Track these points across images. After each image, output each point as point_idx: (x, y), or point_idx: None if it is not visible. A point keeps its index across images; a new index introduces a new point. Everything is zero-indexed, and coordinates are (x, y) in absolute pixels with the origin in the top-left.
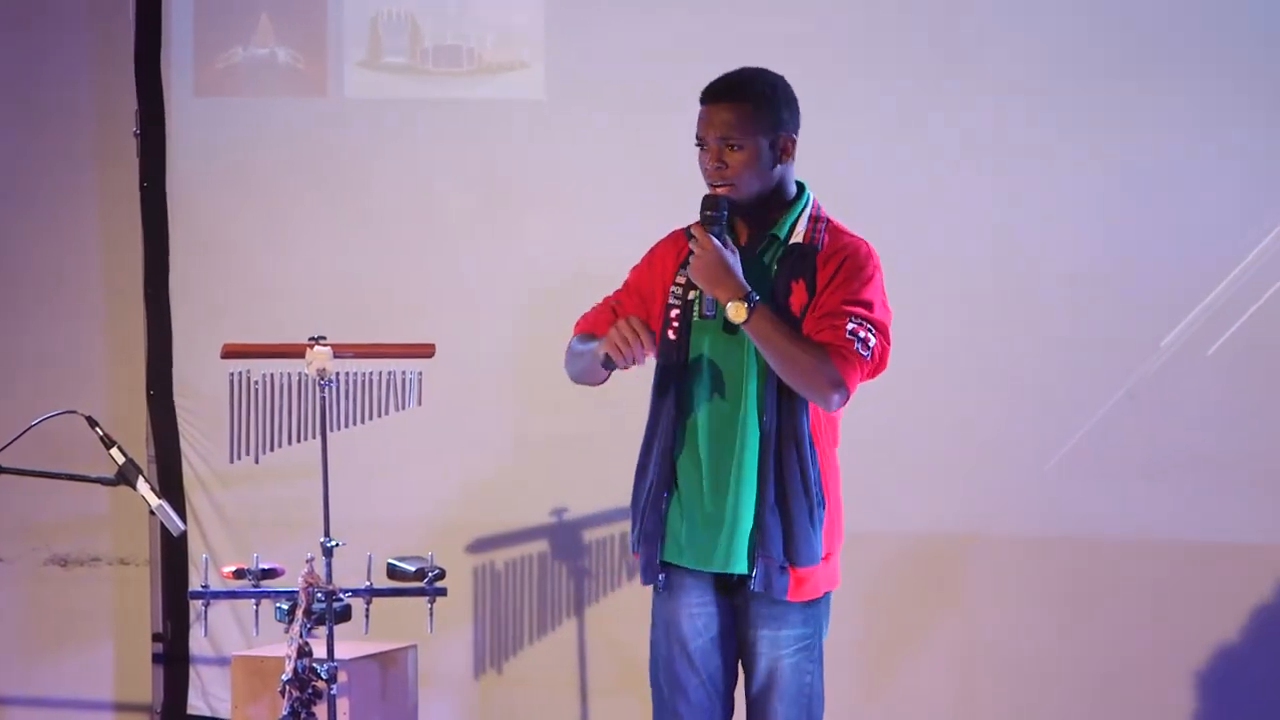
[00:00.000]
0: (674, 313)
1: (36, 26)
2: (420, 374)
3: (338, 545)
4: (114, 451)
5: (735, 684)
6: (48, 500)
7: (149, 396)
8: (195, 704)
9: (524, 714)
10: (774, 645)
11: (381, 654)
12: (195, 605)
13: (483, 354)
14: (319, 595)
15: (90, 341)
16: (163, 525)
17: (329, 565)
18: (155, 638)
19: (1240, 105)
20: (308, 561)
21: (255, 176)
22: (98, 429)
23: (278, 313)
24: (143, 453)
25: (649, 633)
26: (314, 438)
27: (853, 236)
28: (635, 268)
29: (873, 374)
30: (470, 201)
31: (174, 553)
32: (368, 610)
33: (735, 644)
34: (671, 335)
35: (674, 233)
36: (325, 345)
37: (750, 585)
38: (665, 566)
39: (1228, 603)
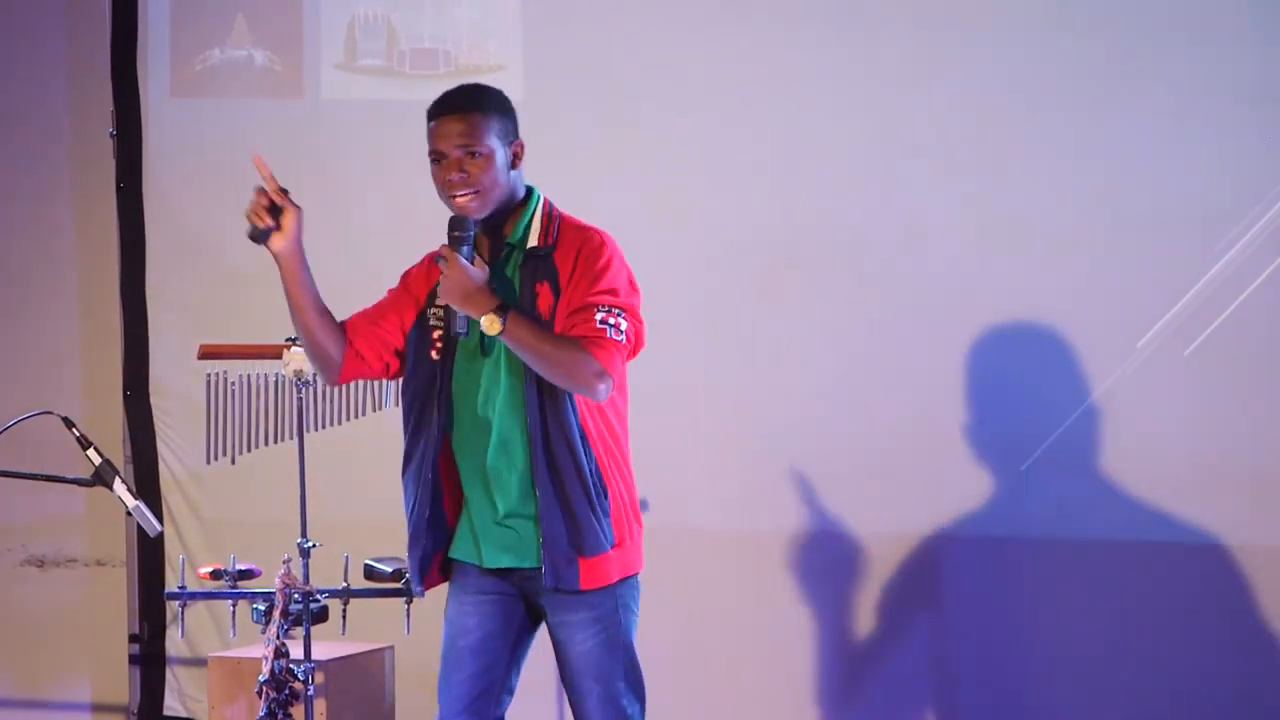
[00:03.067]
0: (436, 334)
1: (11, 27)
2: None
3: (314, 546)
4: (90, 452)
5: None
6: (24, 501)
7: (125, 397)
8: (172, 705)
9: None
10: (569, 630)
11: (358, 655)
12: (172, 606)
13: None
14: (296, 596)
15: (66, 342)
16: (139, 526)
17: (306, 566)
18: (132, 638)
19: (1216, 104)
20: (284, 562)
21: (232, 177)
22: (74, 429)
23: (255, 313)
24: (119, 453)
25: None
26: (291, 438)
27: (585, 228)
28: (390, 289)
29: (632, 354)
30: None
31: (150, 554)
32: (344, 611)
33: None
34: (434, 355)
35: (426, 256)
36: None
37: (544, 581)
38: (454, 564)
39: (1203, 603)
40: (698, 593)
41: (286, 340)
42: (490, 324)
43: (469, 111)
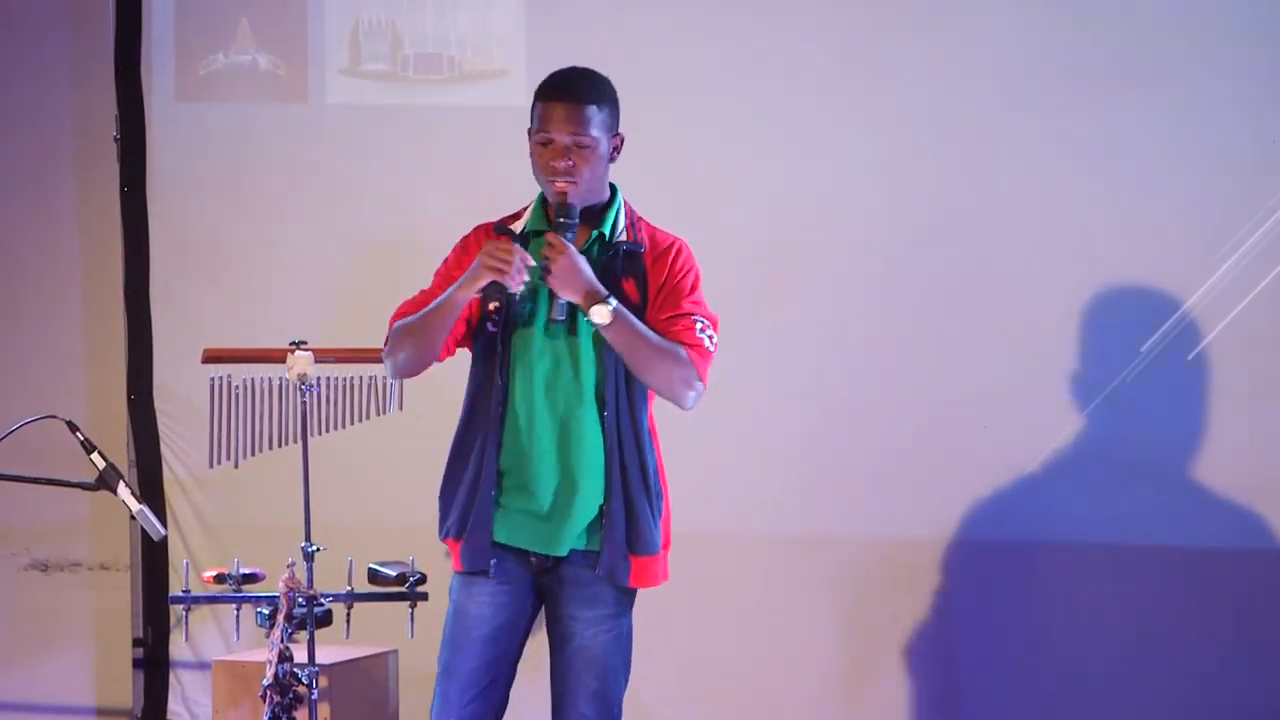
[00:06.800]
0: (492, 306)
1: (15, 30)
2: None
3: (319, 550)
4: (95, 456)
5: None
6: (28, 505)
7: (129, 401)
8: (175, 709)
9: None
10: (582, 624)
11: (362, 658)
12: (176, 610)
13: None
14: (300, 600)
15: (70, 346)
16: (143, 530)
17: (310, 570)
18: (136, 643)
19: (1219, 110)
20: (289, 566)
21: (236, 182)
22: (78, 434)
23: (258, 318)
24: (123, 457)
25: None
26: (295, 442)
27: (670, 235)
28: (446, 260)
29: None
30: (450, 207)
31: (154, 557)
32: (349, 615)
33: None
34: (491, 328)
35: (483, 226)
36: (306, 350)
37: (597, 570)
38: (496, 550)
39: (1208, 607)
40: (702, 596)
41: (290, 344)
42: (600, 313)
43: (583, 102)
